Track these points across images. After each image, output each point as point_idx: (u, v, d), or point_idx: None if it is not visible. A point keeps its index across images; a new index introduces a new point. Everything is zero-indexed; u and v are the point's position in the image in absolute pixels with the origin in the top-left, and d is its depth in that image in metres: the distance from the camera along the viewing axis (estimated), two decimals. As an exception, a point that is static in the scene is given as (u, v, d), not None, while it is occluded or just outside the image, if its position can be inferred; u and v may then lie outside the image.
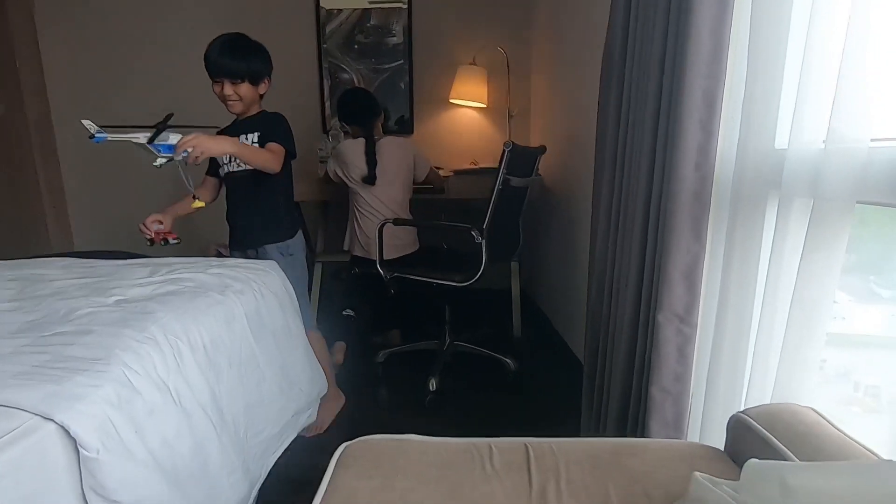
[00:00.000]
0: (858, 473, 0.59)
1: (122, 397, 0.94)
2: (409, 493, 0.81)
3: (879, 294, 1.04)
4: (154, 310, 1.20)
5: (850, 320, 1.10)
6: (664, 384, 1.24)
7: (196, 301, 1.31)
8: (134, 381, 0.98)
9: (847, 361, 1.13)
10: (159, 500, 0.95)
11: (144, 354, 1.04)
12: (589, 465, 0.89)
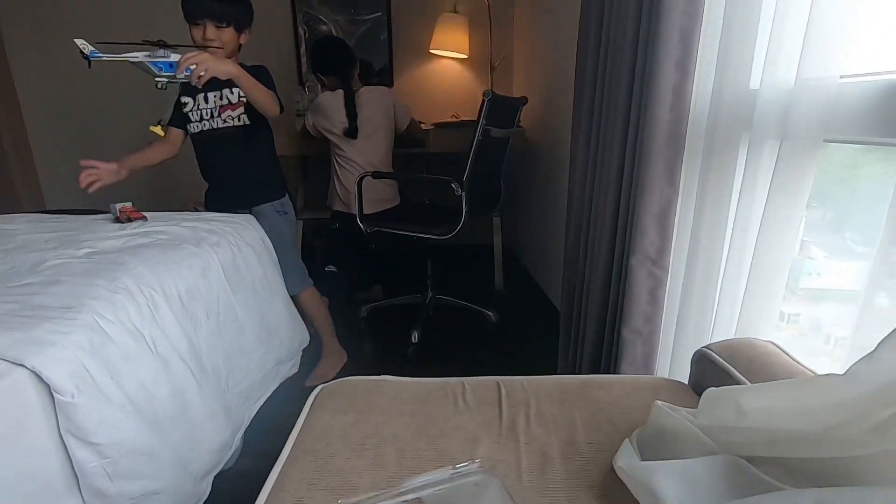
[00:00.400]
0: (802, 389, 0.62)
1: (94, 343, 0.94)
2: (383, 427, 0.84)
3: (854, 249, 1.06)
4: (126, 261, 1.19)
5: (825, 276, 1.13)
6: (635, 326, 1.27)
7: (169, 253, 1.29)
8: (106, 328, 0.98)
9: (820, 315, 1.16)
10: (139, 443, 0.97)
11: (117, 303, 1.04)
12: (558, 398, 0.92)
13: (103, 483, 0.91)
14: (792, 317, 1.16)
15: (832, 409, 0.58)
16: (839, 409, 0.58)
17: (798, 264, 1.09)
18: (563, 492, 0.71)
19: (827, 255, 1.11)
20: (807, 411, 0.62)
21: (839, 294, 1.12)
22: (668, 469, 0.65)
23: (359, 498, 0.68)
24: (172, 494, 1.05)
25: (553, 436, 0.83)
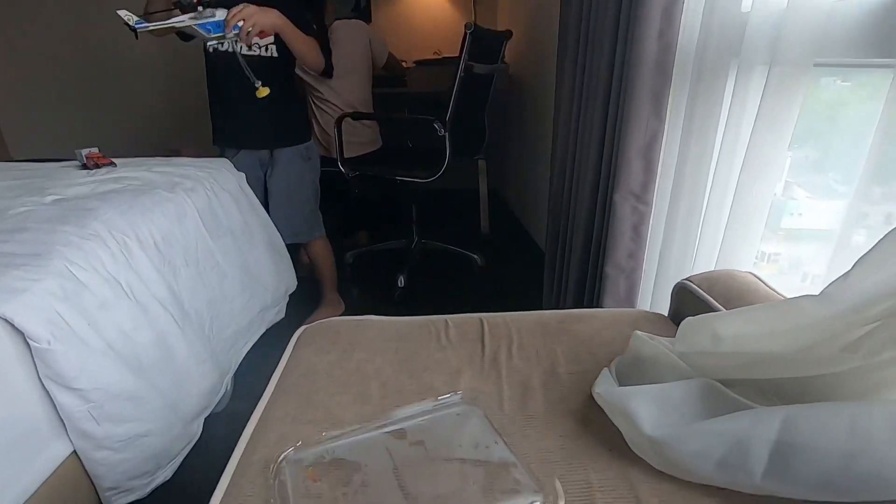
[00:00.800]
0: (776, 312, 0.63)
1: (67, 290, 0.91)
2: (366, 363, 0.84)
3: (836, 189, 1.06)
4: (95, 207, 1.14)
5: (806, 216, 1.13)
6: (618, 261, 1.28)
7: (141, 198, 1.25)
8: (79, 275, 0.95)
9: (799, 254, 1.17)
10: (124, 388, 0.97)
11: (88, 250, 1.00)
12: (539, 332, 0.93)
13: (90, 426, 0.91)
14: (772, 256, 1.17)
15: (806, 330, 0.59)
16: (813, 330, 0.59)
17: (781, 205, 1.09)
18: (543, 418, 0.73)
19: (809, 196, 1.10)
20: (781, 334, 0.63)
21: (818, 234, 1.13)
22: (644, 393, 0.66)
23: (343, 430, 0.70)
24: (162, 436, 1.06)
25: (534, 367, 0.84)
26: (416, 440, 0.67)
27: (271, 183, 1.81)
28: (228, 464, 0.67)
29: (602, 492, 0.61)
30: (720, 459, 0.59)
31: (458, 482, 0.61)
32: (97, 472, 0.95)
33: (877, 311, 0.53)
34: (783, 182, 1.08)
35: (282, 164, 1.75)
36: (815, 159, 1.10)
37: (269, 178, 1.81)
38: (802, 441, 0.54)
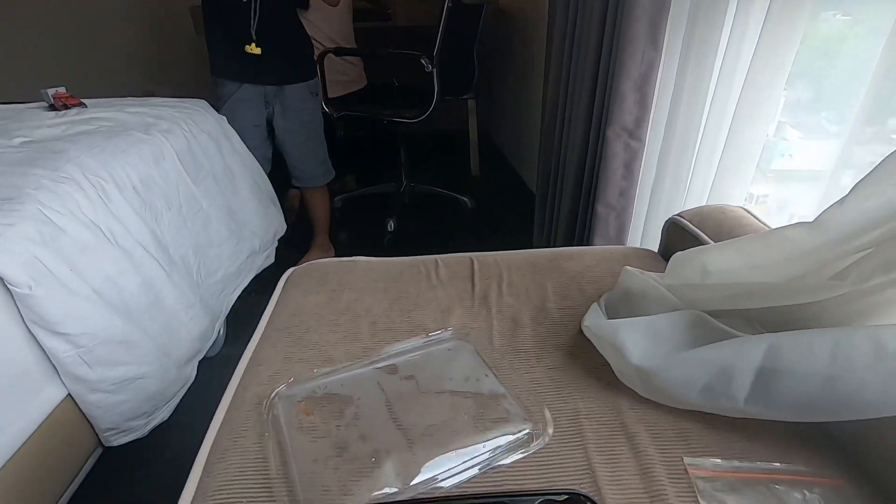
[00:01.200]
0: (766, 242, 0.62)
1: (44, 235, 0.89)
2: (356, 303, 0.84)
3: (828, 129, 1.03)
4: (66, 149, 1.09)
5: (797, 157, 1.11)
6: (609, 200, 1.26)
7: (115, 140, 1.19)
8: (55, 219, 0.92)
9: (788, 196, 1.16)
10: (113, 332, 0.97)
11: (63, 194, 0.97)
12: (529, 270, 0.93)
13: (82, 370, 0.92)
14: (760, 198, 1.16)
15: (796, 260, 0.59)
16: (802, 260, 0.59)
17: (772, 146, 1.07)
18: (533, 352, 0.74)
19: (802, 136, 1.08)
20: (770, 265, 0.63)
21: (808, 175, 1.12)
22: (632, 325, 0.67)
23: (335, 367, 0.70)
24: (157, 379, 1.07)
25: (524, 304, 0.84)
26: (407, 375, 0.68)
27: (283, 123, 1.72)
28: (222, 400, 0.68)
29: (590, 419, 0.63)
30: (705, 386, 0.60)
31: (449, 413, 0.62)
32: (94, 413, 0.97)
33: (869, 239, 0.53)
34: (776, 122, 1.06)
35: (294, 102, 1.66)
36: (809, 98, 1.07)
37: (279, 117, 1.72)
38: (785, 367, 0.56)
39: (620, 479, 0.56)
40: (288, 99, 1.67)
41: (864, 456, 0.58)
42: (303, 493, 0.53)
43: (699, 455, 0.58)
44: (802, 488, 0.54)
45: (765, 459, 0.58)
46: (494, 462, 0.57)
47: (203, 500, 0.54)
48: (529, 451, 0.58)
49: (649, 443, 0.59)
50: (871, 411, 0.52)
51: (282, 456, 0.57)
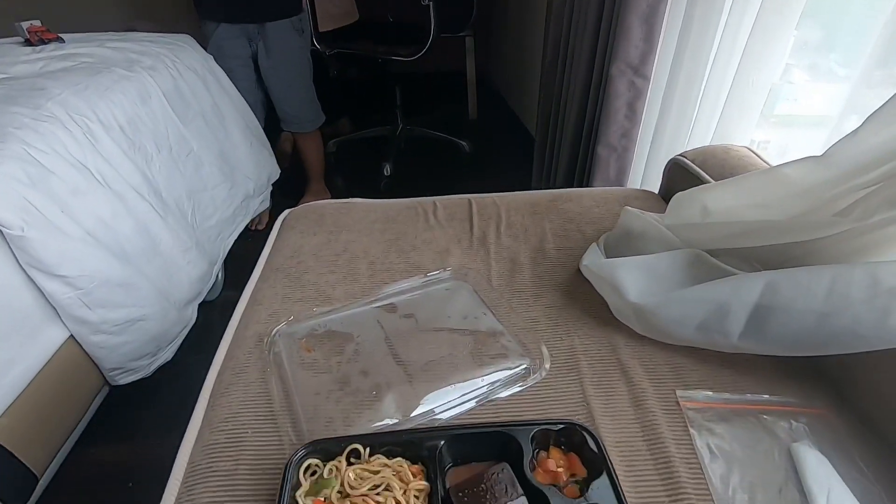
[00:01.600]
0: (771, 179, 0.61)
1: (32, 176, 0.86)
2: (353, 244, 0.83)
3: (836, 73, 0.98)
4: (47, 86, 1.04)
5: (801, 101, 1.07)
6: (610, 141, 1.23)
7: (98, 77, 1.14)
8: (42, 159, 0.89)
9: (790, 143, 1.13)
10: (111, 275, 0.96)
11: (46, 133, 0.93)
12: (528, 211, 0.92)
13: (82, 312, 0.92)
14: (761, 144, 1.13)
15: (800, 196, 0.58)
16: (806, 197, 0.58)
17: (777, 89, 1.03)
18: (531, 292, 0.74)
19: (809, 79, 1.04)
20: (774, 202, 0.62)
21: (813, 120, 1.08)
22: (630, 264, 0.67)
23: (334, 306, 0.70)
24: (158, 321, 1.08)
25: (522, 245, 0.84)
26: (406, 313, 0.69)
27: (267, 63, 1.64)
28: (223, 338, 0.68)
29: (586, 355, 0.64)
30: (700, 323, 0.61)
31: (447, 349, 0.63)
32: (97, 354, 0.98)
33: (877, 174, 0.52)
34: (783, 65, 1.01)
35: (277, 40, 1.57)
36: (819, 39, 1.02)
37: (263, 56, 1.63)
38: (781, 303, 0.56)
39: (614, 410, 0.57)
40: (270, 37, 1.58)
41: (848, 387, 0.60)
42: (306, 425, 0.54)
43: (691, 388, 0.60)
44: (789, 418, 0.56)
45: (754, 392, 0.59)
46: (492, 395, 0.58)
47: (209, 431, 0.55)
48: (526, 385, 0.59)
49: (643, 377, 0.61)
50: (863, 345, 0.53)
51: (284, 390, 0.59)
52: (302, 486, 0.46)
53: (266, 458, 0.52)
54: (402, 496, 0.45)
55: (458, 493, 0.45)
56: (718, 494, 0.49)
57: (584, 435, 0.50)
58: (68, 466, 1.01)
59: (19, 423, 0.85)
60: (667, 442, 0.54)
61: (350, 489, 0.45)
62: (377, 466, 0.47)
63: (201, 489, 0.50)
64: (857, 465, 0.52)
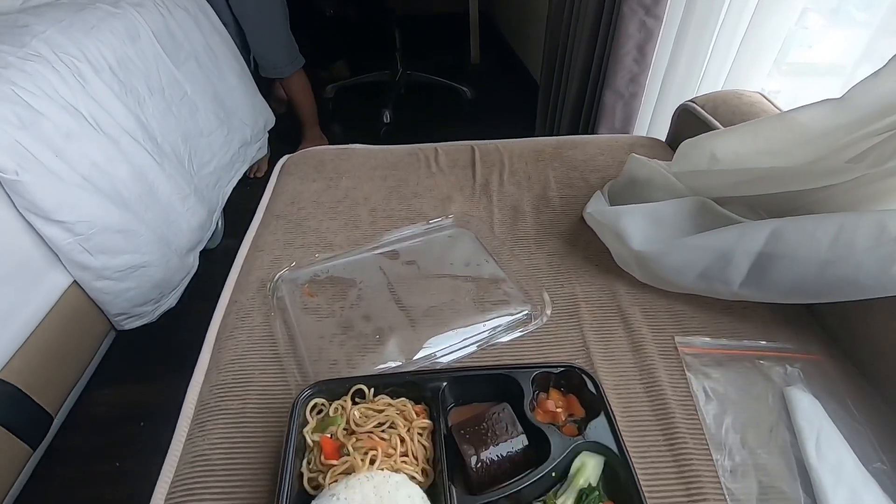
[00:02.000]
0: (784, 124, 0.60)
1: (23, 118, 0.84)
2: (354, 191, 0.82)
3: (854, 17, 0.93)
4: (30, 23, 0.99)
5: (816, 48, 1.01)
6: (618, 87, 1.19)
7: (83, 14, 1.08)
8: (31, 101, 0.86)
9: (801, 92, 1.08)
10: (110, 221, 0.95)
11: (34, 73, 0.90)
12: (532, 158, 0.90)
13: (84, 258, 0.92)
14: (772, 93, 1.09)
15: (813, 142, 0.56)
16: (820, 142, 0.57)
17: (790, 35, 0.98)
18: (533, 239, 0.74)
19: (825, 24, 0.98)
20: (785, 148, 0.60)
21: (827, 69, 1.04)
22: (635, 211, 0.66)
23: (335, 252, 0.70)
24: (160, 268, 1.08)
25: (525, 193, 0.83)
26: (408, 260, 0.69)
27: (236, 3, 1.58)
28: (226, 284, 0.69)
29: (587, 302, 0.65)
30: (702, 271, 0.61)
31: (449, 295, 0.63)
32: (102, 299, 0.99)
33: (893, 119, 0.50)
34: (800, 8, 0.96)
35: None
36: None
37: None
38: (784, 251, 0.56)
39: (613, 355, 0.59)
40: None
41: (844, 334, 0.61)
42: (311, 366, 0.55)
43: (690, 335, 0.61)
44: (784, 363, 0.57)
45: (752, 338, 0.60)
46: (493, 340, 0.59)
47: (217, 372, 0.56)
48: (527, 330, 0.60)
49: (643, 323, 0.62)
50: (862, 293, 0.53)
51: (289, 334, 0.59)
52: (309, 423, 0.47)
53: (273, 397, 0.54)
54: (406, 433, 0.46)
55: (459, 431, 0.47)
56: (711, 434, 0.51)
57: (583, 377, 0.51)
58: (81, 407, 1.04)
59: (31, 366, 0.87)
60: (663, 385, 0.55)
61: (356, 426, 0.46)
62: (381, 406, 0.48)
63: (211, 426, 0.51)
64: (847, 408, 0.53)
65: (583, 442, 0.46)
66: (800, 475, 0.48)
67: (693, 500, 0.46)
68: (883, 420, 0.52)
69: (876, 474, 0.47)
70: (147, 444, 0.96)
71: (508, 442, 0.46)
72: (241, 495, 0.46)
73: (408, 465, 0.45)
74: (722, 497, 0.46)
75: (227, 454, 0.49)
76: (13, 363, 0.84)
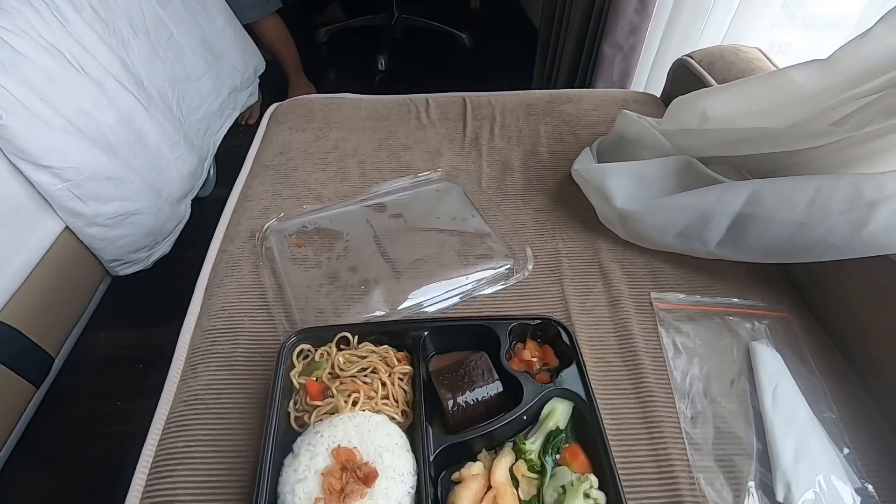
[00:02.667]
0: (773, 84, 0.59)
1: (2, 59, 0.82)
2: (343, 142, 0.82)
3: None
4: (3, -44, 0.95)
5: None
6: (617, 39, 1.16)
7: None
8: (11, 41, 0.84)
9: (815, 47, 1.05)
10: (100, 168, 0.95)
11: (12, 11, 0.87)
12: (524, 112, 0.89)
13: (75, 204, 0.93)
14: (782, 47, 1.06)
15: (800, 103, 0.56)
16: (806, 104, 0.57)
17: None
18: (520, 195, 0.75)
19: None
20: (773, 109, 0.60)
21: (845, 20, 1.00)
22: (619, 169, 0.67)
23: (323, 204, 0.71)
24: (152, 215, 1.09)
25: (515, 147, 0.83)
26: (395, 213, 0.70)
27: None
28: (215, 233, 0.70)
29: (569, 258, 0.66)
30: (681, 230, 0.62)
31: (435, 248, 0.65)
32: (95, 245, 1.00)
33: (881, 81, 0.50)
34: None
35: None
36: None
37: None
38: (761, 213, 0.57)
39: (591, 309, 0.61)
40: None
41: (815, 294, 0.63)
42: (298, 314, 0.58)
43: (666, 291, 0.63)
44: (753, 320, 0.60)
45: (725, 296, 0.63)
46: (475, 292, 0.61)
47: (207, 318, 0.59)
48: (508, 283, 0.62)
49: (621, 279, 0.64)
50: (833, 254, 0.54)
51: (277, 283, 0.61)
52: (295, 367, 0.50)
53: (261, 343, 0.56)
54: (387, 378, 0.49)
55: (438, 377, 0.49)
56: (677, 384, 0.54)
57: (558, 329, 0.53)
58: (80, 350, 1.08)
59: (29, 309, 0.89)
60: (636, 338, 0.58)
61: (340, 371, 0.49)
62: (365, 352, 0.51)
63: (203, 368, 0.54)
64: (807, 363, 0.56)
65: (554, 389, 0.49)
66: (755, 423, 0.51)
67: (654, 443, 0.50)
68: (839, 374, 0.56)
69: (825, 423, 0.51)
70: (145, 385, 0.99)
71: (484, 387, 0.49)
72: (232, 432, 0.49)
73: (388, 407, 0.48)
74: (681, 441, 0.50)
75: (219, 394, 0.52)
76: (11, 306, 0.86)
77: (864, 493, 0.46)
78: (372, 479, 0.41)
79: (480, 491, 0.43)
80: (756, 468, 0.48)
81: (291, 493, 0.40)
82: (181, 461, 0.48)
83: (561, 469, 0.45)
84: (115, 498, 0.48)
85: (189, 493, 0.46)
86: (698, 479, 0.47)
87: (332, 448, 0.42)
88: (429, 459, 0.44)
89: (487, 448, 0.47)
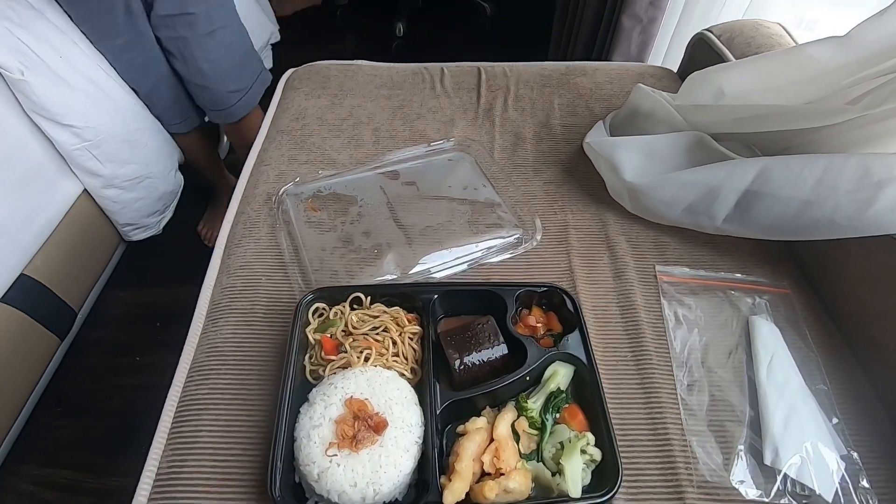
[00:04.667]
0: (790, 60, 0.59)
1: (22, 16, 0.83)
2: (358, 109, 0.83)
3: None
4: None
5: None
6: (636, 11, 1.14)
7: None
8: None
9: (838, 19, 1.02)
10: (116, 130, 0.96)
11: (32, -32, 0.87)
12: (539, 84, 0.89)
13: (94, 165, 0.95)
14: (809, 23, 1.04)
15: (816, 81, 0.56)
16: (822, 81, 0.57)
17: None
18: (532, 166, 0.76)
19: None
20: (788, 86, 0.60)
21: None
22: (631, 143, 0.67)
23: (338, 170, 0.73)
24: (163, 180, 1.11)
25: (528, 119, 0.83)
26: (408, 180, 0.71)
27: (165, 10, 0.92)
28: (233, 196, 0.72)
29: (577, 230, 0.68)
30: (689, 205, 0.63)
31: (446, 216, 0.66)
32: (111, 208, 1.03)
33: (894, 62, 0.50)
34: None
35: None
36: None
37: None
38: (770, 190, 0.58)
39: (596, 279, 0.63)
40: None
41: (818, 271, 0.64)
42: (314, 275, 0.60)
43: (670, 264, 0.64)
44: (754, 295, 0.61)
45: (729, 271, 0.64)
46: (484, 260, 0.63)
47: (227, 276, 0.61)
48: (516, 252, 0.64)
49: (627, 252, 0.65)
50: (838, 233, 0.55)
51: (293, 245, 0.63)
52: (311, 324, 0.53)
53: (279, 300, 0.58)
54: (398, 337, 0.51)
55: (446, 338, 0.52)
56: (675, 353, 0.56)
57: (563, 297, 0.55)
58: (100, 307, 1.12)
59: (52, 266, 0.93)
60: (638, 309, 0.59)
61: (353, 329, 0.51)
62: (377, 312, 0.53)
63: (223, 322, 0.57)
64: (805, 338, 0.58)
65: (556, 353, 0.51)
66: (749, 391, 0.53)
67: (651, 407, 0.52)
68: (834, 349, 0.57)
69: (817, 394, 0.53)
70: (162, 342, 1.04)
71: (490, 349, 0.51)
72: (251, 382, 0.52)
73: (398, 364, 0.50)
74: (677, 407, 0.52)
75: (238, 347, 0.55)
76: (36, 262, 0.89)
77: (849, 459, 0.48)
78: (382, 428, 0.44)
79: (483, 443, 0.46)
80: (747, 434, 0.50)
81: (307, 437, 0.43)
82: (204, 407, 0.51)
83: (560, 427, 0.48)
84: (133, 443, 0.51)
85: (211, 436, 0.49)
86: (691, 442, 0.50)
87: (345, 398, 0.45)
88: (436, 413, 0.47)
89: (491, 405, 0.50)
